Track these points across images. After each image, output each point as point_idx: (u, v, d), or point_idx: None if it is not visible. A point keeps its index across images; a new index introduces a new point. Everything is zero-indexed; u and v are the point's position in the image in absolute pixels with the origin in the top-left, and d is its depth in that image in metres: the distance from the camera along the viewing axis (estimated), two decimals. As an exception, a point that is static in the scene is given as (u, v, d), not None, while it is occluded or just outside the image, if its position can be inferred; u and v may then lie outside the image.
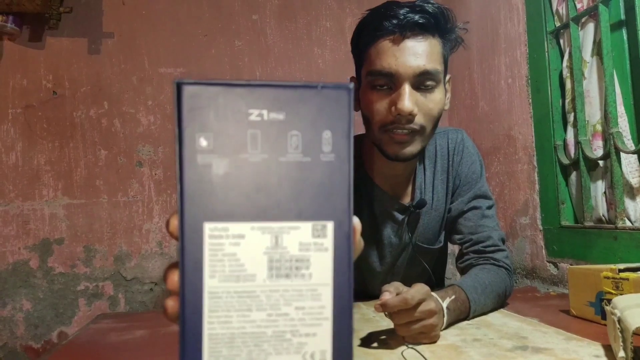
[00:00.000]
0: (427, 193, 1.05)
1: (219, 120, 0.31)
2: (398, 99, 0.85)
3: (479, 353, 0.68)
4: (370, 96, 0.90)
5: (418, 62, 0.86)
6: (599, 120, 1.17)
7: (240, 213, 0.31)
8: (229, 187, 0.31)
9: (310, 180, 0.32)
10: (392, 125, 0.88)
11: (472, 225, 1.03)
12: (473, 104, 1.73)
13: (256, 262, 0.31)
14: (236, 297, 0.31)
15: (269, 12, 1.85)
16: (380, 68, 0.87)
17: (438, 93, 0.89)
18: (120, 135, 1.73)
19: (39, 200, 1.66)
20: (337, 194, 0.32)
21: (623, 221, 1.08)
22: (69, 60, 1.71)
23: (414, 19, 0.85)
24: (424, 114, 0.88)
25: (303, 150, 0.32)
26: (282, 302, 0.32)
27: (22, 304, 1.62)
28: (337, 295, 0.32)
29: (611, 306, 0.64)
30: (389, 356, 0.68)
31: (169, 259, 1.72)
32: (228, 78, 1.80)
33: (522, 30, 1.41)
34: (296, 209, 0.32)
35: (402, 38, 0.86)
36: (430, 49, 0.87)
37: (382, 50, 0.87)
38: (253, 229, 0.31)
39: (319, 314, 0.32)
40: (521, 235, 1.46)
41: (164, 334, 0.91)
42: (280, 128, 0.31)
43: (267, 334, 0.32)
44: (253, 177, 0.31)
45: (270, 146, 0.31)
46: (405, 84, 0.86)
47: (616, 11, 1.14)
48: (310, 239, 0.32)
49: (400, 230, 1.04)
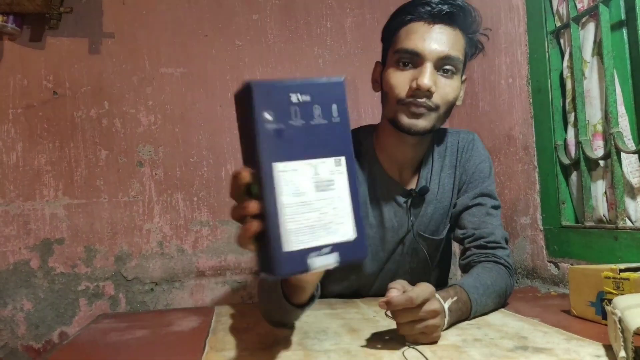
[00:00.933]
0: (433, 183, 1.08)
1: (275, 102, 0.53)
2: (420, 74, 0.94)
3: (479, 353, 0.68)
4: (394, 72, 0.98)
5: (442, 47, 0.95)
6: (599, 120, 1.17)
7: (293, 155, 0.53)
8: (285, 141, 0.53)
9: (329, 134, 0.55)
10: (410, 99, 0.95)
11: (475, 221, 1.05)
12: (473, 103, 1.73)
13: (306, 184, 0.54)
14: (299, 206, 0.53)
15: (269, 11, 1.85)
16: (408, 47, 0.96)
17: (456, 80, 0.98)
18: (120, 135, 1.73)
19: (39, 200, 1.66)
20: (344, 140, 0.56)
21: (624, 221, 1.08)
22: (70, 60, 1.71)
23: (444, 8, 0.95)
24: (440, 95, 0.96)
25: (322, 117, 0.55)
26: (324, 205, 0.54)
27: (22, 304, 1.62)
28: (353, 200, 0.56)
29: (612, 306, 0.64)
30: (390, 356, 0.68)
31: (169, 259, 1.72)
32: (228, 78, 1.80)
33: (522, 30, 1.41)
34: (323, 151, 0.55)
35: (432, 23, 0.96)
36: (455, 39, 0.97)
37: (412, 31, 0.97)
38: (302, 164, 0.54)
39: (345, 210, 0.55)
40: (522, 235, 1.46)
41: (164, 333, 0.91)
42: (308, 105, 0.54)
43: (318, 225, 0.53)
44: (298, 134, 0.53)
45: (304, 115, 0.54)
46: (428, 63, 0.94)
47: (617, 11, 1.14)
48: (333, 167, 0.55)
49: (402, 215, 1.08)
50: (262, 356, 0.71)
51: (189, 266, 1.74)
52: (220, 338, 0.83)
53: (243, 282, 1.77)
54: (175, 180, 1.75)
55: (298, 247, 0.52)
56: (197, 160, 1.77)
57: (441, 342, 0.74)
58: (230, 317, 1.01)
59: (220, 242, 1.76)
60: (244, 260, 1.77)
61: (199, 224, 1.75)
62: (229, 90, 1.80)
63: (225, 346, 0.77)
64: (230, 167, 1.78)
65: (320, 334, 0.81)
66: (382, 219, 1.08)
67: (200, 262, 1.74)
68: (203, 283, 1.74)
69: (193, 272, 1.74)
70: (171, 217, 1.74)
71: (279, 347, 0.74)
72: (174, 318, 1.04)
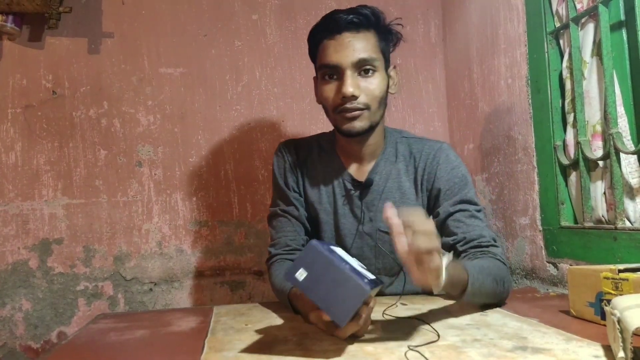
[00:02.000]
0: (391, 181, 1.15)
1: (309, 269, 0.68)
2: (342, 85, 1.05)
3: (479, 353, 0.68)
4: (322, 86, 1.10)
5: (355, 54, 1.05)
6: (598, 121, 1.17)
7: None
8: (311, 285, 0.69)
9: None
10: (341, 107, 1.06)
11: (462, 225, 1.07)
12: (473, 104, 1.73)
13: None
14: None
15: (268, 12, 1.85)
16: (326, 62, 1.08)
17: (377, 77, 1.07)
18: (119, 135, 1.73)
19: (38, 200, 1.66)
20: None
21: (623, 222, 1.08)
22: (69, 60, 1.71)
23: (348, 18, 1.06)
24: (366, 94, 1.06)
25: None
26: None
27: (21, 304, 1.62)
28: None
29: (611, 306, 0.64)
30: (389, 356, 0.68)
31: (168, 259, 1.72)
32: (228, 78, 1.80)
33: (521, 30, 1.42)
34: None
35: (340, 34, 1.06)
36: (365, 41, 1.07)
37: (326, 47, 1.08)
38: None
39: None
40: (521, 235, 1.46)
41: (163, 333, 0.91)
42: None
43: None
44: (326, 281, 0.69)
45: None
46: (346, 71, 1.05)
47: (616, 12, 1.14)
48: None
49: (352, 204, 1.16)
50: (261, 356, 0.71)
51: (188, 266, 1.74)
52: (219, 338, 0.83)
53: (242, 282, 1.77)
54: (175, 181, 1.75)
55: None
56: (196, 161, 1.77)
57: (440, 342, 0.74)
58: (229, 317, 1.01)
59: (219, 242, 1.76)
60: (243, 260, 1.77)
61: (198, 224, 1.75)
62: (228, 90, 1.80)
63: (224, 346, 0.77)
64: (229, 167, 1.78)
65: (319, 334, 0.81)
66: (336, 205, 1.17)
67: (199, 262, 1.74)
68: (202, 283, 1.74)
69: (192, 272, 1.74)
70: (170, 217, 1.74)
71: (278, 347, 0.74)
72: (173, 318, 1.03)
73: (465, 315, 0.92)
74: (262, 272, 1.78)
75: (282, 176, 1.21)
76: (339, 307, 0.67)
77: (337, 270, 0.67)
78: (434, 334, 0.78)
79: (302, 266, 0.68)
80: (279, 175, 1.22)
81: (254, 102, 1.82)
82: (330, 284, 0.67)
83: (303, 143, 1.25)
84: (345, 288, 0.67)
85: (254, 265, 1.77)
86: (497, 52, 1.55)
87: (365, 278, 0.71)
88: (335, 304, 0.67)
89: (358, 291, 0.67)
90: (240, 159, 1.79)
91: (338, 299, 0.67)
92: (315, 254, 0.69)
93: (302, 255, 0.69)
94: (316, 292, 0.67)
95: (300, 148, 1.24)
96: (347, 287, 0.67)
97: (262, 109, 1.82)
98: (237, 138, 1.80)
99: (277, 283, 1.06)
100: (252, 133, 1.81)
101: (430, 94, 1.94)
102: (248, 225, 1.78)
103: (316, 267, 0.68)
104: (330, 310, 0.67)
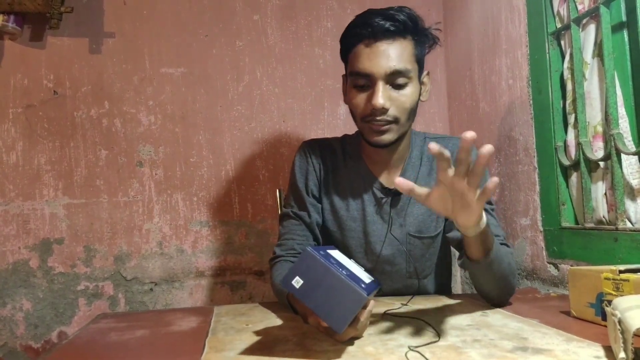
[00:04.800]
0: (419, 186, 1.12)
1: (305, 277, 0.68)
2: (373, 95, 1.00)
3: (479, 354, 0.68)
4: (352, 93, 1.05)
5: (389, 63, 1.00)
6: (599, 122, 1.17)
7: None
8: (307, 292, 0.68)
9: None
10: (370, 117, 1.02)
11: None
12: (474, 104, 1.73)
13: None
14: None
15: (270, 12, 1.85)
16: (358, 70, 1.02)
17: (410, 88, 1.03)
18: (120, 135, 1.73)
19: (39, 199, 1.66)
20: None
21: (623, 222, 1.08)
22: (70, 59, 1.71)
23: (384, 26, 1.00)
24: (396, 107, 1.02)
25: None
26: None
27: (22, 303, 1.62)
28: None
29: (612, 307, 0.64)
30: (389, 357, 0.68)
31: (168, 258, 1.72)
32: (229, 78, 1.80)
33: (523, 31, 1.41)
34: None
35: (375, 42, 1.01)
36: (401, 51, 1.01)
37: (359, 54, 1.03)
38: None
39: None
40: (521, 236, 1.46)
41: (164, 333, 0.91)
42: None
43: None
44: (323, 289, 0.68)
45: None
46: (379, 82, 1.00)
47: (617, 12, 1.14)
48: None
49: (381, 211, 1.13)
50: (261, 356, 0.71)
51: (189, 266, 1.74)
52: (220, 338, 0.83)
53: (242, 282, 1.77)
54: (175, 180, 1.75)
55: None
56: (197, 161, 1.77)
57: (441, 342, 0.74)
58: (229, 317, 1.00)
59: (220, 242, 1.76)
60: (244, 260, 1.77)
61: (198, 224, 1.75)
62: (229, 90, 1.81)
63: (224, 346, 0.77)
64: (230, 167, 1.78)
65: (319, 335, 0.81)
66: (364, 213, 1.14)
67: (200, 262, 1.74)
68: (202, 283, 1.74)
69: (192, 272, 1.74)
70: (171, 217, 1.74)
71: (278, 347, 0.74)
72: (174, 318, 1.03)
73: (466, 316, 0.92)
74: (262, 272, 1.78)
75: (303, 177, 1.17)
76: (336, 314, 0.66)
77: (333, 276, 0.67)
78: (434, 335, 0.78)
79: (297, 274, 0.67)
80: (299, 176, 1.17)
81: (254, 102, 1.82)
82: (327, 291, 0.66)
83: (327, 145, 1.20)
84: (342, 294, 0.66)
85: (255, 266, 1.77)
86: (498, 53, 1.55)
87: (363, 282, 0.71)
88: (333, 311, 0.66)
89: (355, 297, 0.66)
90: (241, 159, 1.79)
91: (335, 306, 0.66)
92: (310, 260, 0.68)
93: (298, 262, 0.68)
94: (313, 299, 0.67)
95: (325, 150, 1.19)
96: (344, 294, 0.66)
97: (263, 109, 1.82)
98: (238, 138, 1.80)
99: (277, 284, 1.06)
100: (253, 133, 1.81)
101: (431, 94, 1.93)
102: (249, 225, 1.78)
103: (312, 274, 0.67)
104: (327, 318, 0.67)
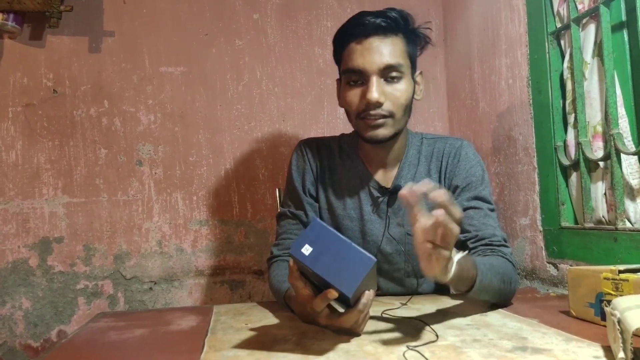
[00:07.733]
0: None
1: (314, 244, 0.70)
2: (367, 90, 1.02)
3: (478, 354, 0.68)
4: (346, 91, 1.07)
5: (382, 59, 1.02)
6: (599, 122, 1.17)
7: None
8: (317, 258, 0.70)
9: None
10: (365, 113, 1.04)
11: (476, 223, 1.06)
12: (473, 104, 1.73)
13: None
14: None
15: (269, 11, 1.85)
16: (351, 66, 1.04)
17: (404, 84, 1.04)
18: (120, 134, 1.73)
19: (38, 198, 1.66)
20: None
21: (623, 222, 1.08)
22: (70, 58, 1.71)
23: (376, 22, 1.02)
24: (391, 101, 1.03)
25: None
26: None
27: (21, 302, 1.62)
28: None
29: (611, 307, 0.64)
30: (389, 356, 0.68)
31: (168, 258, 1.72)
32: (228, 78, 1.80)
33: (522, 31, 1.41)
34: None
35: (367, 38, 1.03)
36: (393, 47, 1.03)
37: (352, 51, 1.04)
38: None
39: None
40: (521, 236, 1.46)
41: (163, 332, 0.91)
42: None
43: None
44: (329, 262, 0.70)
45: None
46: (372, 77, 1.02)
47: (617, 12, 1.14)
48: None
49: (378, 210, 1.13)
50: (261, 356, 0.71)
51: (188, 265, 1.74)
52: (219, 337, 0.83)
53: (242, 281, 1.77)
54: (175, 180, 1.75)
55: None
56: (196, 160, 1.77)
57: (440, 342, 0.74)
58: (228, 316, 1.00)
59: (219, 242, 1.76)
60: (243, 259, 1.77)
61: (198, 223, 1.75)
62: (228, 89, 1.80)
63: (224, 346, 0.77)
64: (229, 167, 1.78)
65: (319, 334, 0.81)
66: (362, 212, 1.14)
67: (199, 262, 1.74)
68: (202, 282, 1.74)
69: (192, 272, 1.74)
70: (170, 216, 1.74)
71: (278, 347, 0.74)
72: (173, 317, 1.03)
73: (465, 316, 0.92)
74: (261, 272, 1.78)
75: (299, 176, 1.18)
76: (346, 276, 0.69)
77: (342, 243, 0.70)
78: (434, 334, 0.78)
79: (307, 242, 0.70)
80: (296, 175, 1.18)
81: (254, 101, 1.82)
82: (336, 257, 0.70)
83: (324, 144, 1.21)
84: (352, 259, 0.70)
85: (254, 265, 1.77)
86: (498, 53, 1.55)
87: (367, 252, 0.73)
88: (342, 275, 0.69)
89: (364, 260, 0.70)
90: (240, 158, 1.79)
91: (344, 271, 0.69)
92: (319, 229, 0.71)
93: (307, 231, 0.71)
94: (322, 264, 0.70)
95: (322, 149, 1.20)
96: (353, 258, 0.70)
97: (263, 108, 1.82)
98: (237, 137, 1.80)
99: (274, 284, 1.06)
100: (253, 132, 1.81)
101: (430, 94, 1.94)
102: (248, 225, 1.78)
103: (321, 242, 0.70)
104: (337, 280, 0.69)
